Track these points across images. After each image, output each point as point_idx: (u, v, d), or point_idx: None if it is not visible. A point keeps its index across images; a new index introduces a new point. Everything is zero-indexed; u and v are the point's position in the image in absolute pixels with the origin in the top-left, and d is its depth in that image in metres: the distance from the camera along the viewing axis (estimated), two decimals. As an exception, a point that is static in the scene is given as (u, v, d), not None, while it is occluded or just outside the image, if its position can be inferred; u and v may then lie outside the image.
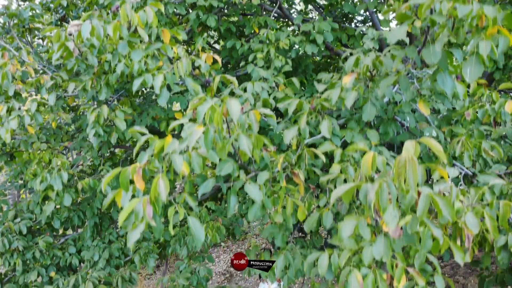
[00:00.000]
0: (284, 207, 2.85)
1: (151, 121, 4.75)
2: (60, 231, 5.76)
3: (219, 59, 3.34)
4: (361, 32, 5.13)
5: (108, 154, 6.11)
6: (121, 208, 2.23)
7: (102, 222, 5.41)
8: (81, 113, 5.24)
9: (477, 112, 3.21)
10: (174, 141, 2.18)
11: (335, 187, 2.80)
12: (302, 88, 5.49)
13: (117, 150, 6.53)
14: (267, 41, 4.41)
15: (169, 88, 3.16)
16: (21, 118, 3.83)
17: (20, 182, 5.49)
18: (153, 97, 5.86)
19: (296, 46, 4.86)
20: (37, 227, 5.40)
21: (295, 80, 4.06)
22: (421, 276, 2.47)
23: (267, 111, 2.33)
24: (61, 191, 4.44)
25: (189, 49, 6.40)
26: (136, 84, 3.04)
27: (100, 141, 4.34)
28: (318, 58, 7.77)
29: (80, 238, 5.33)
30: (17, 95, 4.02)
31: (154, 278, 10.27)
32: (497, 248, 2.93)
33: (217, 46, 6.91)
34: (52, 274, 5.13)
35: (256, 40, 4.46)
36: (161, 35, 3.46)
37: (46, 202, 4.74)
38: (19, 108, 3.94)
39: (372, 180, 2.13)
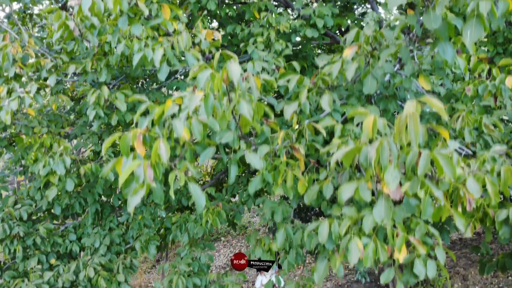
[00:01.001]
0: (284, 181, 2.84)
1: (152, 106, 4.74)
2: (60, 220, 5.74)
3: (219, 35, 3.34)
4: (361, 17, 5.14)
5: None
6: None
7: (103, 209, 5.40)
8: (80, 97, 5.23)
9: (477, 89, 3.21)
10: (174, 105, 2.18)
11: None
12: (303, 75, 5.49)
13: (117, 140, 6.52)
14: (268, 25, 4.41)
15: (169, 64, 3.17)
16: (21, 100, 3.83)
17: (20, 169, 5.49)
18: (153, 85, 5.86)
19: (298, 38, 4.84)
20: (37, 214, 5.38)
21: (295, 64, 4.06)
22: (422, 245, 2.46)
23: (267, 76, 2.32)
24: (64, 176, 4.43)
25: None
26: (136, 59, 3.04)
27: (101, 125, 4.33)
28: (319, 51, 7.78)
29: (80, 226, 5.32)
30: (17, 76, 4.02)
31: (154, 272, 10.26)
32: (498, 222, 2.91)
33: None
34: (53, 261, 5.12)
35: (257, 24, 4.47)
36: (161, 15, 3.46)
37: (47, 189, 4.73)
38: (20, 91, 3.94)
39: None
